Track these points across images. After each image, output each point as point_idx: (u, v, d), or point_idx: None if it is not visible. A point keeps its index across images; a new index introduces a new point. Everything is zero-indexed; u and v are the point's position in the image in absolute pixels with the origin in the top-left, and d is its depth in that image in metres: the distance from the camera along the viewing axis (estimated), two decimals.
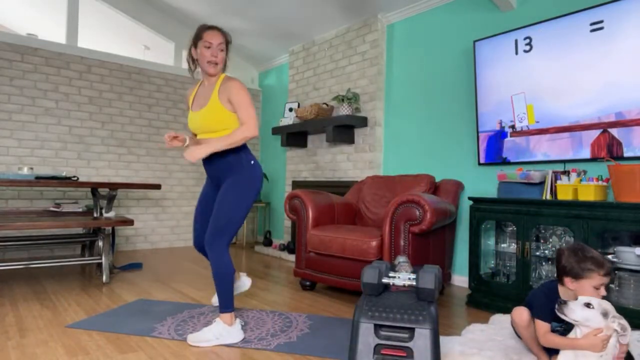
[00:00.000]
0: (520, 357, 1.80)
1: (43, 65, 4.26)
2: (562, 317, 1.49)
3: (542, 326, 1.64)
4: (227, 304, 2.06)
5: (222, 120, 2.05)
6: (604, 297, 1.55)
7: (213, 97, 2.07)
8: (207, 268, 3.82)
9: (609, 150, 2.53)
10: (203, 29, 2.08)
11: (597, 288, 1.55)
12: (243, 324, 2.28)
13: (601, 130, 2.56)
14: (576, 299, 1.52)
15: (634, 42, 2.43)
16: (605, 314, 1.43)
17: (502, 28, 3.16)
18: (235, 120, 2.07)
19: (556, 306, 1.50)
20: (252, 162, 2.14)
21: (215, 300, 2.48)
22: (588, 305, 1.45)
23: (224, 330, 2.03)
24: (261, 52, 5.31)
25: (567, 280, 1.62)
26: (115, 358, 1.84)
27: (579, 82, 2.66)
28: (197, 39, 2.08)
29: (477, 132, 3.18)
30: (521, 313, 1.75)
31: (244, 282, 2.45)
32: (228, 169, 2.10)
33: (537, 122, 2.85)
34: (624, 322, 1.43)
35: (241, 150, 2.11)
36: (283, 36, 4.79)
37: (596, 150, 2.59)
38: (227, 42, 2.13)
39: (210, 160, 2.12)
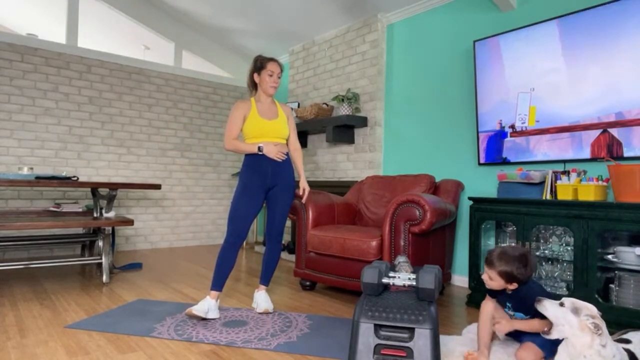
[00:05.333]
0: None
1: (43, 65, 4.26)
2: (542, 312, 1.55)
3: (487, 298, 1.89)
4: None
5: (287, 130, 2.63)
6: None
7: (281, 113, 2.63)
8: (207, 268, 3.82)
9: (609, 150, 2.53)
10: (266, 60, 2.57)
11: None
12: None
13: (601, 130, 2.56)
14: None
15: (635, 42, 2.43)
16: (575, 311, 1.45)
17: (502, 28, 3.16)
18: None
19: (535, 302, 1.57)
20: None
21: (261, 305, 2.54)
22: (561, 304, 1.49)
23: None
24: (261, 52, 5.30)
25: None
26: (115, 358, 1.84)
27: (580, 82, 2.66)
28: (261, 67, 2.56)
29: (477, 132, 3.18)
30: (485, 303, 1.88)
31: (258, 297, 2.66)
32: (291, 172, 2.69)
33: (538, 122, 2.85)
34: (598, 321, 1.42)
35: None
36: (283, 36, 4.79)
37: (596, 150, 2.59)
38: (282, 71, 2.62)
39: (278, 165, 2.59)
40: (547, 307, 1.51)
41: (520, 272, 1.70)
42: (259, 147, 2.49)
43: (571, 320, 1.44)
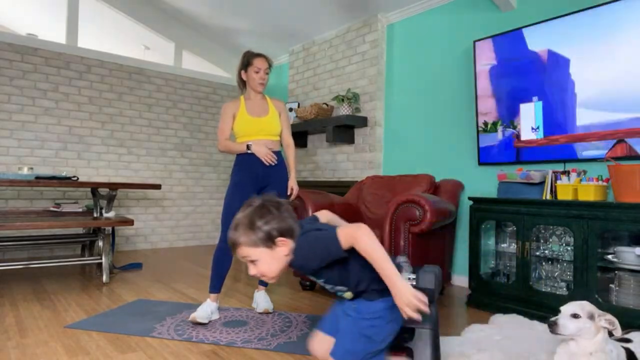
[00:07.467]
0: (521, 357, 1.80)
1: (43, 65, 4.26)
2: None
3: None
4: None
5: (279, 126, 2.56)
6: None
7: (271, 109, 2.55)
8: (207, 268, 3.82)
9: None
10: (252, 56, 2.51)
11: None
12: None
13: (616, 141, 2.48)
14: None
15: (637, 42, 2.42)
16: (591, 316, 1.42)
17: (502, 28, 3.16)
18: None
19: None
20: None
21: (260, 305, 2.53)
22: (575, 315, 1.43)
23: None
24: (261, 51, 5.29)
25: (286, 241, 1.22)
26: (115, 358, 1.84)
27: (581, 83, 2.65)
28: (247, 64, 2.50)
29: (477, 132, 3.18)
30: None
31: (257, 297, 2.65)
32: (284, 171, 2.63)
33: (538, 127, 2.85)
34: (610, 316, 1.42)
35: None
36: (283, 36, 4.79)
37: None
38: (270, 66, 2.55)
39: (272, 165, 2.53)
40: (566, 325, 1.43)
41: (269, 221, 1.19)
42: (247, 146, 2.46)
43: (589, 328, 1.41)
